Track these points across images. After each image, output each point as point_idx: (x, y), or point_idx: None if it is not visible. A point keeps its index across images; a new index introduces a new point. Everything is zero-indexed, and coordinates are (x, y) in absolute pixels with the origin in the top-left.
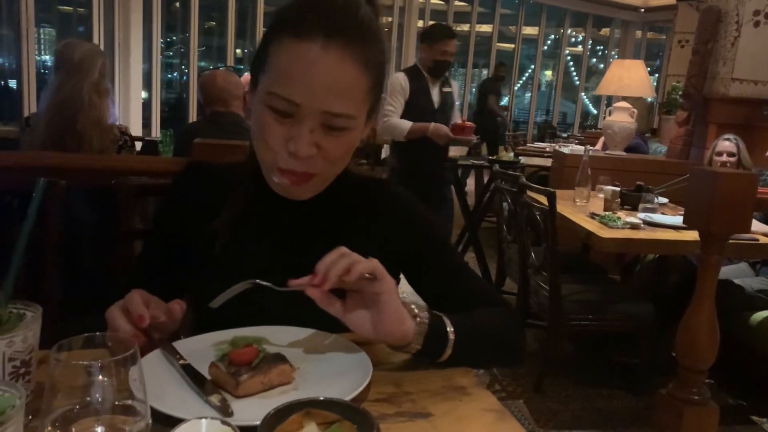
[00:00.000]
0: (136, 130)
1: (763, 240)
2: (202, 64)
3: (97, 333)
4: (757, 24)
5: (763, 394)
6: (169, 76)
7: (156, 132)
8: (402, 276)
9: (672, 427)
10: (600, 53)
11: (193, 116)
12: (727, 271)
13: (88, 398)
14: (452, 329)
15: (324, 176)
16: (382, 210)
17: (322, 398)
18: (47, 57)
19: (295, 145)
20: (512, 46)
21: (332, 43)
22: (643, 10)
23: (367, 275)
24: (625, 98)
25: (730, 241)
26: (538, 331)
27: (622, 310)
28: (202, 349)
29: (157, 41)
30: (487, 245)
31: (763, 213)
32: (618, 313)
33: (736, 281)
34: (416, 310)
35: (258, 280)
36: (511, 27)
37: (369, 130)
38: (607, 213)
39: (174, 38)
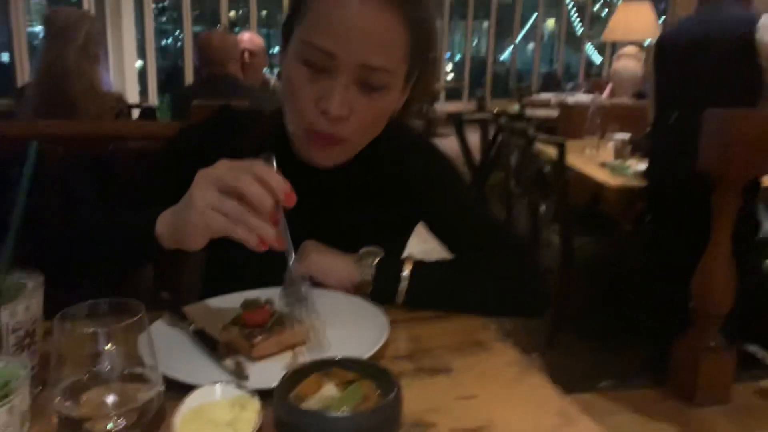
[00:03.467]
0: (132, 98)
1: None
2: (196, 29)
3: (102, 299)
4: None
5: None
6: (163, 43)
7: (153, 99)
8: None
9: (689, 374)
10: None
11: (190, 82)
12: None
13: (97, 367)
14: (408, 273)
15: (353, 144)
16: (405, 165)
17: (339, 357)
18: (39, 28)
19: (327, 102)
20: None
21: None
22: None
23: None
24: (632, 43)
25: None
26: (551, 285)
27: (634, 261)
28: (212, 313)
29: (149, 6)
30: (495, 201)
31: None
32: (629, 265)
33: None
34: (362, 261)
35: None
36: None
37: (405, 98)
38: (617, 161)
39: (166, 4)
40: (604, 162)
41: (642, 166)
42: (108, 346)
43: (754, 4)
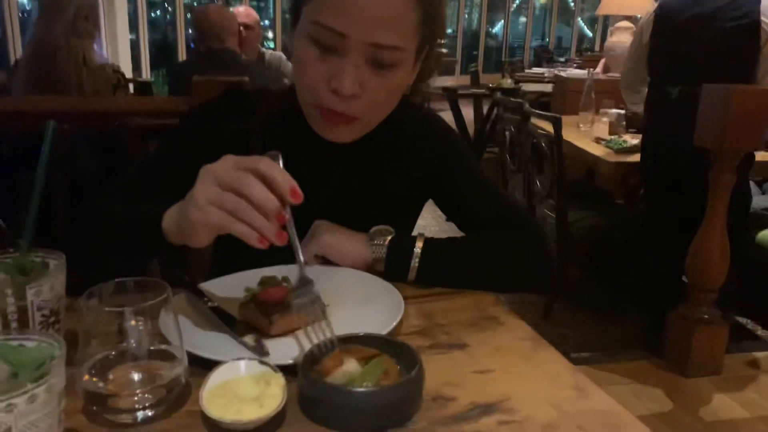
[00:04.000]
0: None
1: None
2: (186, 0)
3: (127, 279)
4: None
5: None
6: (152, 15)
7: (146, 73)
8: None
9: (682, 346)
10: None
11: (182, 55)
12: None
13: (123, 344)
14: (420, 250)
15: (366, 121)
16: (415, 142)
17: (361, 334)
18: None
19: (339, 82)
20: None
21: None
22: None
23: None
24: (627, 18)
25: None
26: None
27: (629, 234)
28: (228, 290)
29: None
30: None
31: None
32: (624, 238)
33: None
34: (374, 239)
35: None
36: None
37: (415, 75)
38: (612, 137)
39: None
40: (598, 137)
41: (636, 141)
42: (134, 324)
43: None
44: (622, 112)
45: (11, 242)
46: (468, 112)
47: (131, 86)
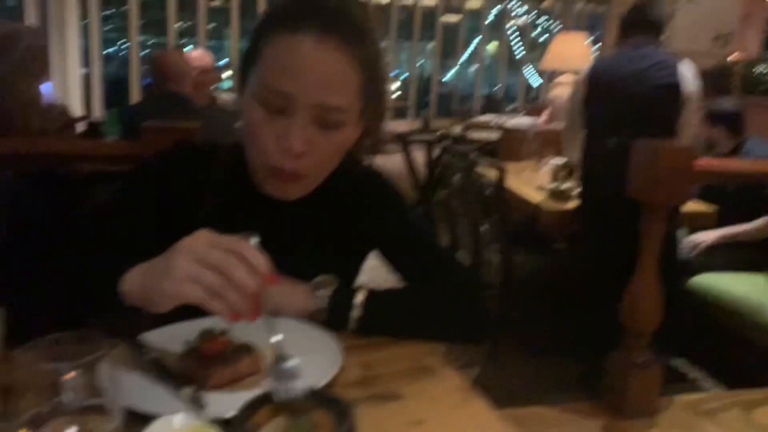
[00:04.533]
0: (76, 108)
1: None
2: (142, 38)
3: (64, 333)
4: None
5: (701, 353)
6: (106, 51)
7: (98, 111)
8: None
9: (619, 389)
10: (543, 26)
11: (135, 94)
12: None
13: (58, 399)
14: (361, 301)
15: (313, 178)
16: (360, 198)
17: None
18: None
19: (287, 141)
20: (457, 18)
21: (327, 36)
22: None
23: None
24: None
25: None
26: (491, 302)
27: (570, 278)
28: (168, 342)
29: (96, 15)
30: (439, 219)
31: (701, 185)
32: (566, 282)
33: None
34: (317, 289)
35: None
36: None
37: (359, 132)
38: (554, 184)
39: (111, 11)
40: (541, 185)
41: (576, 189)
42: (70, 378)
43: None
44: (564, 160)
45: None
46: (419, 156)
47: (81, 125)
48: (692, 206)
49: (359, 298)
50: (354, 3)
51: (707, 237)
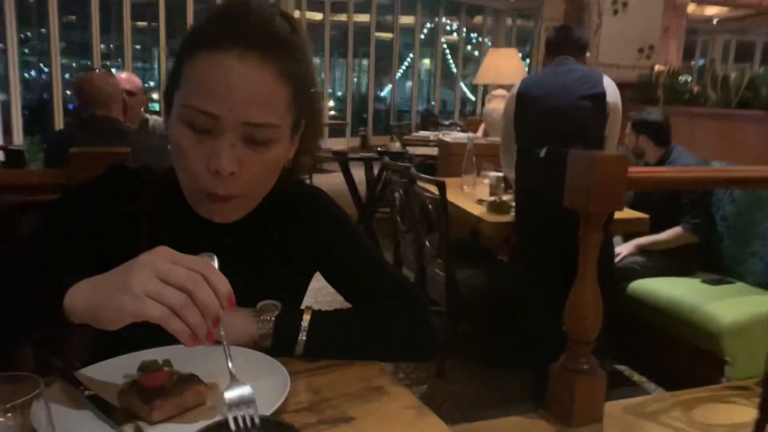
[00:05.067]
0: None
1: (628, 215)
2: (64, 61)
3: None
4: (615, 12)
5: (642, 356)
6: (26, 75)
7: (19, 138)
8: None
9: (565, 397)
10: (474, 41)
11: (59, 119)
12: None
13: None
14: (306, 324)
15: (248, 198)
16: (300, 217)
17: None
18: None
19: (217, 162)
20: (391, 35)
21: (249, 52)
22: None
23: None
24: (501, 86)
25: None
26: (437, 317)
27: (513, 290)
28: (106, 376)
29: (13, 37)
30: (382, 236)
31: (634, 192)
32: (509, 294)
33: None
34: (260, 315)
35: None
36: (387, 16)
37: (294, 150)
38: (492, 198)
39: (29, 34)
40: (481, 199)
41: (513, 201)
42: (3, 422)
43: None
44: (501, 174)
45: None
46: (359, 174)
47: (1, 154)
48: (626, 213)
49: (305, 320)
50: (277, 17)
51: (622, 248)
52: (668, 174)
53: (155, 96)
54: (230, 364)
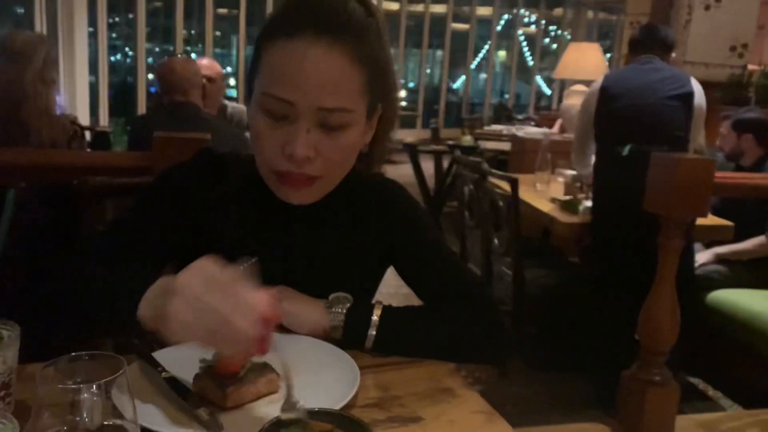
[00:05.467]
0: (83, 117)
1: (711, 222)
2: (148, 46)
3: (83, 353)
4: (707, 7)
5: (718, 370)
6: (112, 59)
7: (104, 119)
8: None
9: (635, 408)
10: (553, 33)
11: (142, 102)
12: None
13: (77, 419)
14: (377, 319)
15: (326, 180)
16: (376, 209)
17: (316, 409)
18: None
19: (292, 147)
20: (467, 26)
21: (320, 37)
22: None
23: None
24: (581, 81)
25: None
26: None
27: (583, 292)
28: (183, 360)
29: (104, 22)
30: (448, 230)
31: (720, 198)
32: (579, 296)
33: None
34: (332, 307)
35: None
36: (464, 7)
37: (371, 134)
38: (567, 197)
39: (117, 19)
40: (554, 197)
41: (589, 202)
42: (87, 399)
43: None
44: (577, 173)
45: None
46: (428, 167)
47: (88, 134)
48: (709, 219)
49: (376, 315)
50: (351, 1)
51: (700, 256)
52: (757, 180)
53: (232, 82)
54: (288, 381)
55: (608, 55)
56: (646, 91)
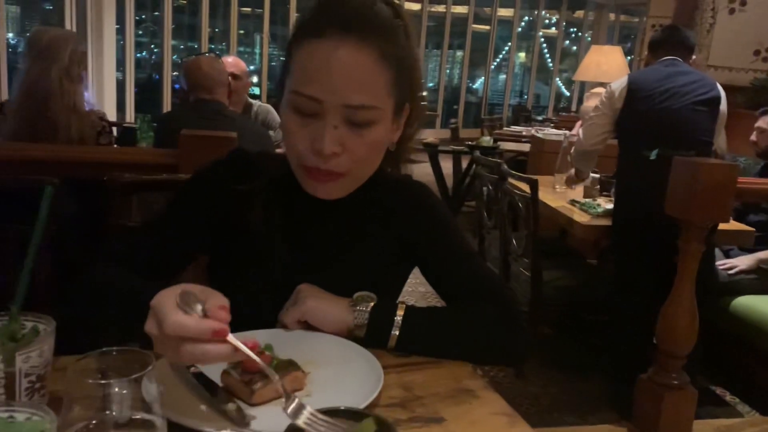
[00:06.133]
0: (110, 113)
1: (731, 227)
2: (173, 42)
3: (112, 348)
4: (732, 11)
5: (737, 376)
6: (138, 55)
7: (130, 115)
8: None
9: (652, 411)
10: (573, 35)
11: (167, 98)
12: None
13: (106, 412)
14: (400, 319)
15: (353, 177)
16: (402, 209)
17: (342, 407)
18: (11, 35)
19: (320, 143)
20: (487, 27)
21: (347, 36)
22: None
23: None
24: (601, 83)
25: None
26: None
27: (600, 295)
28: None
29: (131, 19)
30: (465, 230)
31: (742, 203)
32: (596, 298)
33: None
34: (356, 305)
35: None
36: (486, 8)
37: (398, 133)
38: (587, 200)
39: (143, 16)
40: (574, 199)
41: (610, 205)
42: (117, 392)
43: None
44: (597, 175)
45: None
46: (447, 166)
47: (115, 130)
48: (730, 224)
49: (399, 314)
50: (378, 2)
51: (741, 262)
52: None
53: (255, 80)
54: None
55: (629, 57)
56: (674, 95)
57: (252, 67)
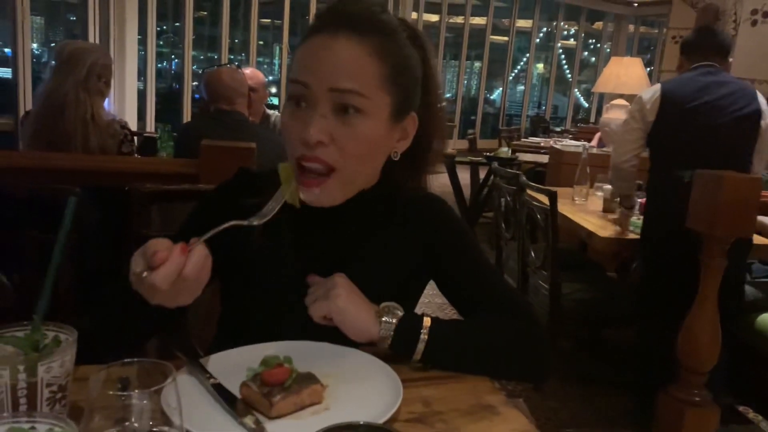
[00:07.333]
0: (131, 123)
1: (759, 240)
2: (193, 53)
3: (135, 359)
4: (754, 23)
5: (763, 394)
6: (159, 65)
7: (150, 125)
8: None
9: (672, 427)
10: (592, 47)
11: (187, 108)
12: None
13: (126, 423)
14: (426, 332)
15: (342, 177)
16: (413, 218)
17: (362, 422)
18: (35, 45)
19: (307, 131)
20: (506, 38)
21: (342, 30)
22: (636, 4)
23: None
24: (621, 95)
25: None
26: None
27: (621, 308)
28: (230, 367)
29: (153, 30)
30: (482, 241)
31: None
32: (616, 311)
33: None
34: (384, 316)
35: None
36: (504, 20)
37: (399, 138)
38: (608, 212)
39: (164, 27)
40: (594, 211)
41: (633, 217)
42: (137, 404)
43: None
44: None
45: (12, 301)
46: (464, 177)
47: (136, 140)
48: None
49: (425, 327)
50: (379, 12)
51: None
52: None
53: (273, 90)
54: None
55: (648, 69)
56: (712, 109)
57: (270, 78)
